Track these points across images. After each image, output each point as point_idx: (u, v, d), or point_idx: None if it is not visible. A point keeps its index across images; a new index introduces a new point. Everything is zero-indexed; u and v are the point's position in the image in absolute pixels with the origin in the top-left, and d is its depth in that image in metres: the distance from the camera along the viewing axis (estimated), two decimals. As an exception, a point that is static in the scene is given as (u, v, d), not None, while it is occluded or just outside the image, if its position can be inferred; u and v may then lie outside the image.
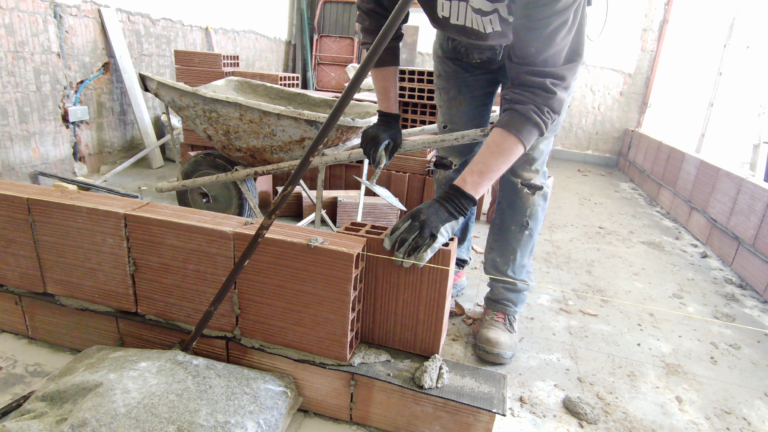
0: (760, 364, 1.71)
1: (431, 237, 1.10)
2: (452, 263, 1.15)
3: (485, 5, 1.22)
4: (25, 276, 1.39)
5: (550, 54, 1.11)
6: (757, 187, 2.45)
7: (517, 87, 1.17)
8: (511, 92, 1.18)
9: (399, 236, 1.11)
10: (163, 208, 1.28)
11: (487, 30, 1.28)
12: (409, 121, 3.28)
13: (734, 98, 4.97)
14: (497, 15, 1.23)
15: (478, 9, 1.23)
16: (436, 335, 1.21)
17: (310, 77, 6.26)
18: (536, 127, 1.17)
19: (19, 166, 2.77)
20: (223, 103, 1.86)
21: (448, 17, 1.31)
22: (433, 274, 1.15)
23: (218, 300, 1.12)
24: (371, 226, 1.25)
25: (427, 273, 1.15)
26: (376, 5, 1.42)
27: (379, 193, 1.43)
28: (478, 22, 1.27)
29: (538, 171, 1.52)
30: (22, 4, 2.65)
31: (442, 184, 1.85)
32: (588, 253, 2.63)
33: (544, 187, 1.53)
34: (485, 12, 1.23)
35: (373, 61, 0.95)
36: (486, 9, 1.22)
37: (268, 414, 1.08)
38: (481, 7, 1.22)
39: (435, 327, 1.20)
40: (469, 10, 1.25)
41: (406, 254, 1.11)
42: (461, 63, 1.61)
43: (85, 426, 0.94)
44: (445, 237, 1.14)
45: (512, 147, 1.17)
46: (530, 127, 1.16)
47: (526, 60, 1.13)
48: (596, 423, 1.33)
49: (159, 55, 3.82)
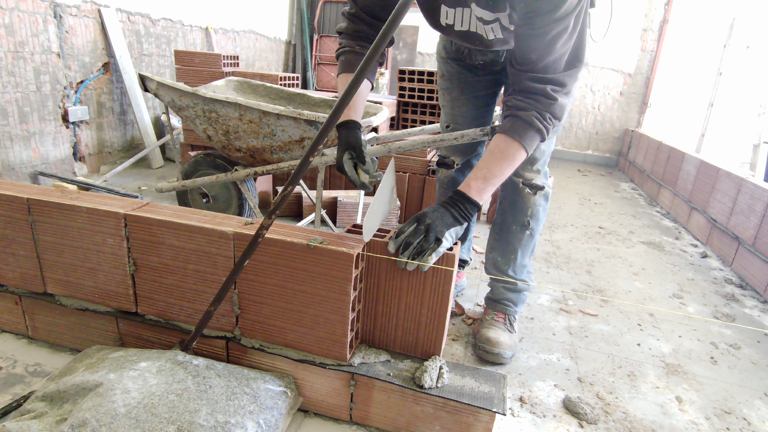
0: (760, 364, 1.71)
1: (436, 241, 1.11)
2: (455, 266, 1.16)
3: (486, 15, 1.23)
4: (25, 276, 1.39)
5: (551, 60, 1.14)
6: (757, 187, 2.45)
7: (519, 93, 1.19)
8: (513, 98, 1.20)
9: (404, 240, 1.11)
10: (163, 208, 1.28)
11: (489, 36, 1.30)
12: (409, 121, 3.28)
13: (734, 98, 4.97)
14: (498, 24, 1.25)
15: (480, 18, 1.25)
16: (438, 339, 1.21)
17: (310, 77, 6.26)
18: (538, 133, 1.19)
19: (19, 166, 2.78)
20: (223, 103, 1.86)
21: (452, 24, 1.32)
22: (437, 277, 1.15)
23: (218, 300, 1.12)
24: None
25: (431, 276, 1.15)
26: (367, 17, 1.35)
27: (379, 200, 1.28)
28: (483, 29, 1.28)
29: (539, 171, 1.52)
30: (22, 4, 2.65)
31: (444, 184, 1.86)
32: (588, 253, 2.63)
33: (545, 187, 1.53)
34: (487, 21, 1.25)
35: (375, 60, 0.95)
36: (487, 18, 1.24)
37: (268, 414, 1.08)
38: (482, 16, 1.23)
39: (437, 331, 1.20)
40: (473, 18, 1.27)
41: (410, 258, 1.11)
42: (464, 64, 1.62)
43: (85, 426, 0.94)
44: (450, 241, 1.15)
45: (515, 153, 1.19)
46: (533, 133, 1.18)
47: (527, 66, 1.16)
48: (596, 423, 1.33)
49: (159, 55, 3.82)
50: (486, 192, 1.18)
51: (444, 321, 1.19)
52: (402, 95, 3.21)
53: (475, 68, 1.61)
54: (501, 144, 1.19)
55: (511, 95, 1.22)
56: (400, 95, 3.21)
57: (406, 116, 3.27)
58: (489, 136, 1.53)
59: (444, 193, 1.86)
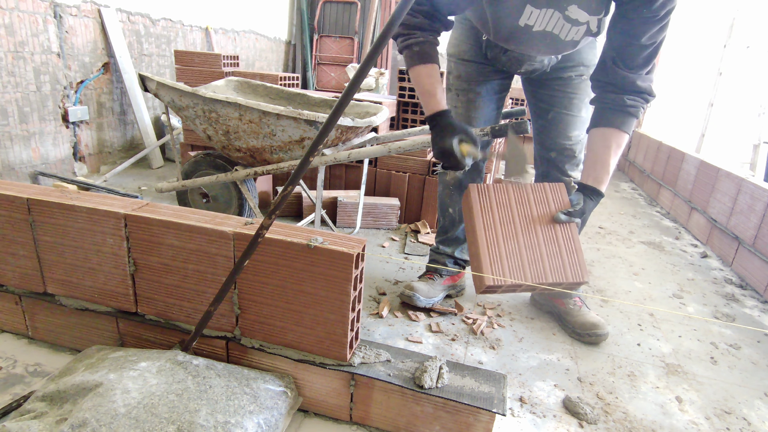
0: (760, 364, 1.71)
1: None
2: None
3: (582, 16, 1.29)
4: (25, 276, 1.39)
5: (653, 64, 1.35)
6: (757, 187, 2.45)
7: (630, 93, 1.37)
8: (626, 98, 1.37)
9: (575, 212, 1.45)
10: (163, 208, 1.28)
11: (567, 38, 1.35)
12: (409, 121, 3.29)
13: (734, 98, 4.97)
14: (587, 26, 1.32)
15: (574, 19, 1.29)
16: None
17: (310, 77, 6.26)
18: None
19: (19, 166, 2.78)
20: (223, 103, 1.86)
21: (531, 25, 1.33)
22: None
23: (218, 300, 1.12)
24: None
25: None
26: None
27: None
28: (566, 30, 1.33)
29: (578, 166, 1.74)
30: (22, 4, 2.65)
31: (450, 185, 1.84)
32: (588, 253, 2.63)
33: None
34: (579, 22, 1.31)
35: (374, 60, 0.95)
36: (581, 20, 1.30)
37: (268, 414, 1.08)
38: (578, 17, 1.29)
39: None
40: (560, 20, 1.31)
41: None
42: (487, 67, 1.67)
43: (85, 426, 0.94)
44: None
45: (624, 144, 1.43)
46: (635, 124, 1.42)
47: (637, 70, 1.34)
48: (596, 423, 1.33)
49: (159, 55, 3.82)
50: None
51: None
52: (402, 95, 3.21)
53: (495, 71, 1.68)
54: (620, 140, 1.40)
55: (621, 95, 1.37)
56: (400, 95, 3.22)
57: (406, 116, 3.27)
58: (489, 136, 1.53)
59: (450, 194, 1.85)
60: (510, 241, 1.38)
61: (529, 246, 1.39)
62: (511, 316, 1.87)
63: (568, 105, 1.66)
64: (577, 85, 1.64)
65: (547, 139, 1.73)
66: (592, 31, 1.34)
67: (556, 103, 1.67)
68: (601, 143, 1.41)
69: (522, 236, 1.40)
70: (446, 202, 1.87)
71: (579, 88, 1.63)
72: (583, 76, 1.63)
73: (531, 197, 1.46)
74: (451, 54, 1.73)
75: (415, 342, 1.63)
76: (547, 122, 1.71)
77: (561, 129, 1.68)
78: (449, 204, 1.86)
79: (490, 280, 1.33)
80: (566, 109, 1.66)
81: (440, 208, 1.92)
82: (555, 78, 1.65)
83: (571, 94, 1.65)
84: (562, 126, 1.68)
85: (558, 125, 1.69)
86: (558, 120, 1.68)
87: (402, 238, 2.57)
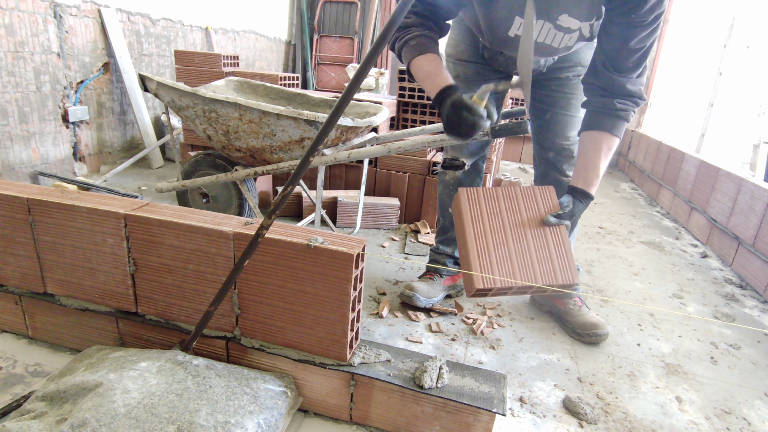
0: (760, 364, 1.71)
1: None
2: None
3: (573, 23, 1.30)
4: (25, 276, 1.39)
5: (643, 67, 1.36)
6: (757, 187, 2.45)
7: (620, 97, 1.37)
8: (617, 102, 1.37)
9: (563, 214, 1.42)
10: (163, 208, 1.28)
11: (560, 45, 1.36)
12: (409, 121, 3.28)
13: (734, 98, 4.97)
14: (579, 33, 1.33)
15: (566, 27, 1.31)
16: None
17: (310, 77, 6.26)
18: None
19: (19, 166, 2.77)
20: (223, 103, 1.86)
21: (522, 36, 1.33)
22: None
23: (218, 300, 1.12)
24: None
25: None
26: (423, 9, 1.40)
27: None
28: (558, 38, 1.34)
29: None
30: (22, 4, 2.65)
31: (449, 185, 1.85)
32: (588, 253, 2.63)
33: None
34: (571, 30, 1.32)
35: (374, 60, 0.95)
36: (573, 27, 1.31)
37: (268, 414, 1.08)
38: (569, 25, 1.31)
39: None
40: (551, 29, 1.32)
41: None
42: (485, 67, 1.68)
43: (85, 426, 0.94)
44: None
45: (615, 147, 1.43)
46: (625, 127, 1.41)
47: (626, 73, 1.34)
48: (596, 423, 1.33)
49: (159, 55, 3.82)
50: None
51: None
52: (402, 95, 3.21)
53: (494, 71, 1.68)
54: (611, 144, 1.40)
55: (611, 98, 1.37)
56: (400, 95, 3.21)
57: (406, 116, 3.27)
58: (489, 136, 1.53)
59: (449, 194, 1.85)
60: (500, 244, 1.38)
61: (519, 249, 1.38)
62: (511, 316, 1.87)
63: (566, 105, 1.66)
64: (575, 86, 1.64)
65: (546, 140, 1.73)
66: (585, 37, 1.34)
67: (554, 104, 1.67)
68: (592, 146, 1.42)
69: (512, 239, 1.39)
70: (446, 202, 1.87)
71: (577, 88, 1.63)
72: (580, 76, 1.63)
73: (521, 200, 1.45)
74: (450, 54, 1.74)
75: (415, 342, 1.63)
76: (545, 123, 1.71)
77: (559, 129, 1.69)
78: (449, 204, 1.86)
79: (480, 282, 1.32)
80: (564, 109, 1.66)
81: (440, 208, 1.92)
82: (552, 78, 1.65)
83: (568, 94, 1.65)
84: (560, 126, 1.68)
85: (556, 125, 1.69)
86: (556, 120, 1.68)
87: (402, 238, 2.57)
